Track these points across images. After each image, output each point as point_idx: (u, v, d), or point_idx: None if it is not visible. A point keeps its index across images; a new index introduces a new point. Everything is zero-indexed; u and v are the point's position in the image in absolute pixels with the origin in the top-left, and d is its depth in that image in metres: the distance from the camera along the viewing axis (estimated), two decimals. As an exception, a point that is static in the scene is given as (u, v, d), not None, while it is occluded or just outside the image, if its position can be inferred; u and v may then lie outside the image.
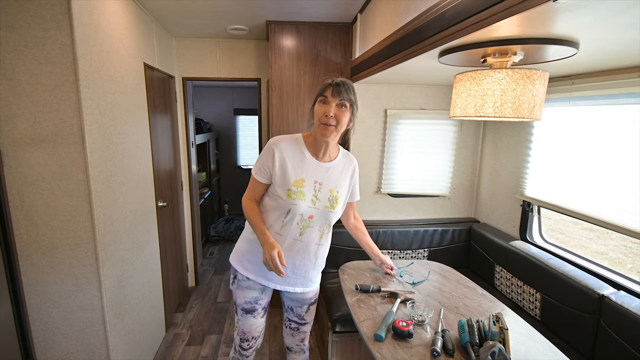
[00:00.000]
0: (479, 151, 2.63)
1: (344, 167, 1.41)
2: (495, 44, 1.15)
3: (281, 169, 1.32)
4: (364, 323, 1.34)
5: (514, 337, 1.24)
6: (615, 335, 1.44)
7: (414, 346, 1.21)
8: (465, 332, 1.23)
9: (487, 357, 1.07)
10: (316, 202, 1.33)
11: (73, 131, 1.47)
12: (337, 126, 1.26)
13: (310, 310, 1.57)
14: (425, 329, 1.31)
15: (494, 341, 1.14)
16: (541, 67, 1.42)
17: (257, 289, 1.45)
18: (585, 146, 1.74)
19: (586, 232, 4.48)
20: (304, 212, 1.32)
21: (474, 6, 0.97)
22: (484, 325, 1.24)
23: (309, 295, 1.52)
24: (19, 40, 1.40)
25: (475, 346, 1.18)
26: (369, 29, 2.12)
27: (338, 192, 1.37)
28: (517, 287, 2.00)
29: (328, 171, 1.36)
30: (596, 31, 0.97)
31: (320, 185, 1.34)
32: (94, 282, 1.60)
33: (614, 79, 1.52)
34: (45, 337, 1.64)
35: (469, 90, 1.24)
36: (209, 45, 2.93)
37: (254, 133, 5.71)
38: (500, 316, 1.24)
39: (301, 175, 1.32)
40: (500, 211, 2.41)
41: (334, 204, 1.36)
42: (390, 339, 1.25)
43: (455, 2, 1.08)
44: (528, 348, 1.22)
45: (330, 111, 1.23)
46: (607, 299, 1.50)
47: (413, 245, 2.48)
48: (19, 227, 1.52)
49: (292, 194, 1.30)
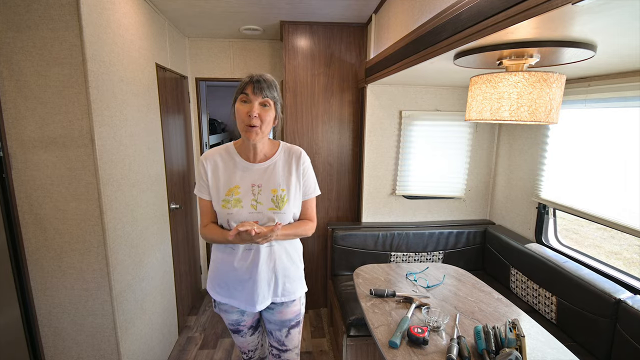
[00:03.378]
0: (494, 153, 2.58)
1: (285, 162, 1.29)
2: (512, 47, 1.12)
3: (214, 180, 1.25)
4: (378, 329, 1.33)
5: (530, 344, 1.22)
6: (632, 340, 1.41)
7: (429, 353, 1.19)
8: (481, 339, 1.22)
9: None
10: (257, 205, 1.23)
11: (82, 133, 1.44)
12: (262, 126, 1.17)
13: (290, 334, 1.42)
14: (441, 336, 1.29)
15: (511, 348, 1.14)
16: (557, 70, 1.43)
17: (235, 311, 1.37)
18: (601, 149, 1.71)
19: (600, 232, 4.52)
20: (245, 219, 1.21)
21: (491, 8, 0.94)
22: (501, 332, 1.24)
23: (287, 315, 1.37)
24: (26, 41, 1.37)
25: (491, 354, 1.17)
26: (384, 30, 2.09)
27: (283, 191, 1.25)
28: (532, 291, 1.97)
29: (266, 171, 1.26)
30: (615, 34, 0.95)
31: (260, 187, 1.24)
32: (105, 286, 1.56)
33: (631, 82, 1.48)
34: (55, 342, 1.62)
35: (485, 93, 1.22)
36: (222, 45, 2.89)
37: (268, 133, 5.68)
38: (516, 322, 1.24)
39: (235, 183, 1.24)
40: (515, 213, 2.37)
41: (280, 204, 1.24)
42: (405, 345, 1.23)
43: (471, 3, 1.05)
44: (544, 355, 1.21)
45: (254, 111, 1.14)
46: (623, 303, 1.48)
47: (428, 247, 2.43)
48: (28, 231, 1.50)
49: (226, 204, 1.22)
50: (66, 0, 1.35)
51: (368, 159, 2.55)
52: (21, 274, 1.50)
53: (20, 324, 1.51)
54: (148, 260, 1.98)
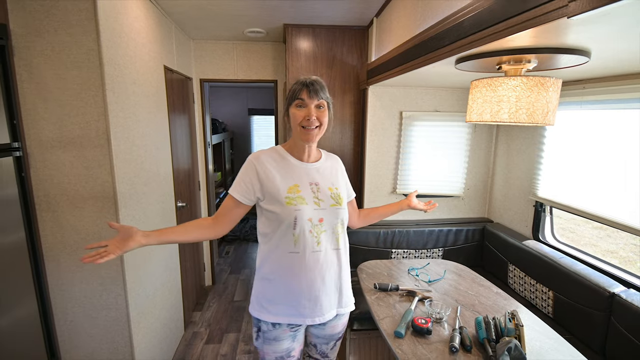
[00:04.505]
0: (492, 153, 2.65)
1: (332, 165, 1.34)
2: (511, 53, 1.18)
3: (269, 180, 1.19)
4: (383, 321, 1.39)
5: (528, 334, 1.27)
6: (626, 332, 1.47)
7: (433, 342, 1.26)
8: (482, 328, 1.27)
9: (503, 353, 1.10)
10: (320, 202, 1.21)
11: (99, 134, 1.50)
12: (320, 127, 1.20)
13: (336, 346, 1.41)
14: (443, 326, 1.35)
15: (510, 337, 1.18)
16: (554, 74, 1.50)
17: (287, 337, 1.25)
18: (596, 148, 1.76)
19: (596, 231, 4.60)
20: (312, 217, 1.18)
21: (492, 18, 1.00)
22: (500, 322, 1.29)
23: (338, 328, 1.35)
24: (46, 45, 1.43)
25: (492, 342, 1.22)
26: (385, 33, 2.14)
27: (337, 189, 1.28)
28: (530, 286, 2.03)
29: (319, 171, 1.28)
30: (607, 42, 1.01)
31: (317, 185, 1.24)
32: (119, 281, 1.63)
33: (624, 84, 1.55)
34: (70, 336, 1.67)
35: (485, 96, 1.27)
36: (226, 47, 2.95)
37: (269, 133, 5.74)
38: (515, 313, 1.29)
39: (294, 181, 1.21)
40: (513, 211, 2.43)
41: (339, 200, 1.25)
42: (409, 335, 1.29)
43: (473, 12, 1.09)
44: (542, 344, 1.26)
45: (312, 114, 1.16)
46: (617, 297, 1.53)
47: (428, 244, 2.50)
48: (45, 228, 1.55)
49: (291, 201, 1.17)
50: (84, 6, 1.41)
51: (369, 158, 2.62)
52: (39, 270, 1.55)
53: (38, 319, 1.56)
54: (157, 257, 2.04)
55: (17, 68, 1.43)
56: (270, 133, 5.76)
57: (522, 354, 1.11)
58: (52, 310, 1.63)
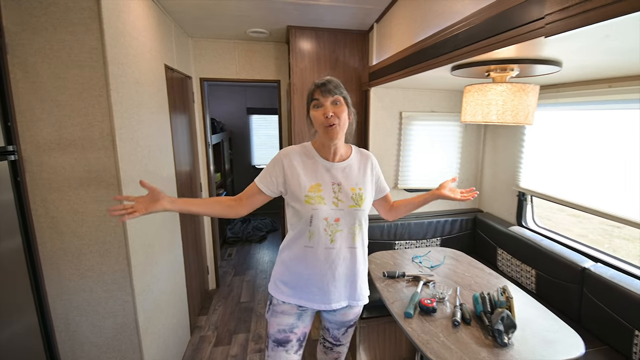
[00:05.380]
0: (481, 150, 2.83)
1: (360, 163, 1.35)
2: (498, 63, 1.40)
3: (293, 177, 1.26)
4: (394, 304, 1.54)
5: (517, 305, 1.46)
6: (596, 300, 1.72)
7: (438, 319, 1.43)
8: (479, 303, 1.46)
9: (497, 321, 1.28)
10: (338, 203, 1.26)
11: (103, 135, 1.44)
12: (340, 122, 1.21)
13: (347, 332, 1.49)
14: (446, 305, 1.53)
15: (502, 308, 1.36)
16: (533, 80, 1.76)
17: (293, 314, 1.34)
18: (570, 144, 2.00)
19: (570, 217, 5.28)
20: (328, 216, 1.24)
21: (482, 33, 1.18)
22: (494, 297, 1.49)
23: (349, 317, 1.42)
24: (43, 43, 1.36)
25: (487, 314, 1.41)
26: (386, 38, 2.27)
27: (361, 190, 1.30)
28: (516, 267, 2.25)
29: (344, 170, 1.30)
30: (574, 55, 1.22)
31: (339, 185, 1.28)
32: (126, 287, 1.57)
33: (590, 89, 1.80)
34: (73, 346, 1.60)
35: (477, 100, 1.47)
36: (227, 46, 2.89)
37: (269, 132, 5.68)
38: (506, 288, 1.49)
39: (316, 180, 1.26)
40: (500, 201, 2.65)
41: (359, 202, 1.28)
42: (417, 315, 1.46)
43: (466, 27, 1.26)
44: (528, 313, 1.47)
45: (329, 111, 1.19)
46: (588, 270, 1.78)
47: (427, 235, 2.68)
48: (43, 235, 1.48)
49: (310, 200, 1.23)
50: (87, 4, 1.35)
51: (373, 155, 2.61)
52: (37, 279, 1.48)
53: (39, 331, 1.49)
54: (163, 261, 1.99)
55: (11, 67, 1.36)
56: (270, 132, 5.70)
57: (512, 321, 1.30)
58: (51, 320, 1.56)
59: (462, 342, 1.29)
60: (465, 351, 1.23)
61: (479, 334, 1.33)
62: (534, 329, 1.36)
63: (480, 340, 1.30)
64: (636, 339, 1.52)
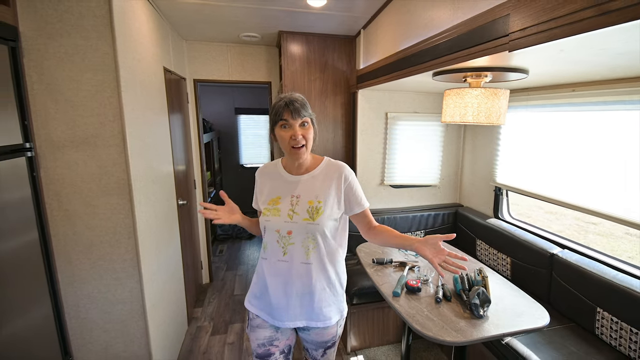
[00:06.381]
0: (461, 148, 3.04)
1: (326, 175, 1.30)
2: (473, 70, 1.59)
3: (261, 193, 1.34)
4: (383, 285, 1.72)
5: (491, 286, 1.64)
6: (563, 282, 1.93)
7: (422, 297, 1.61)
8: (458, 283, 1.65)
9: (474, 297, 1.46)
10: (293, 215, 1.24)
11: (114, 134, 1.56)
12: (307, 144, 1.23)
13: (327, 354, 1.41)
14: (429, 285, 1.72)
15: (478, 286, 1.52)
16: (504, 85, 1.97)
17: (268, 327, 1.32)
18: (539, 142, 2.22)
19: (547, 215, 5.59)
20: (280, 228, 1.24)
21: (459, 45, 1.36)
22: (471, 277, 1.67)
23: (324, 337, 1.35)
24: (58, 48, 1.47)
25: (465, 291, 1.59)
26: (372, 45, 2.46)
27: (320, 202, 1.25)
28: (493, 255, 2.46)
29: (306, 182, 1.29)
30: (537, 65, 1.44)
31: (298, 198, 1.27)
32: (135, 275, 1.69)
33: (556, 92, 2.01)
34: (82, 333, 1.71)
35: (455, 102, 1.67)
36: (220, 49, 3.02)
37: (257, 132, 5.79)
38: (482, 269, 1.70)
39: (277, 194, 1.29)
40: (478, 196, 2.86)
41: (314, 215, 1.23)
42: (404, 294, 1.63)
43: (446, 39, 1.45)
44: (502, 292, 1.65)
45: (298, 134, 1.19)
46: (556, 256, 1.98)
47: (412, 228, 2.87)
48: (56, 227, 1.58)
49: (266, 211, 1.27)
50: (99, 12, 1.47)
51: (360, 154, 2.82)
52: (50, 269, 1.57)
53: (53, 319, 1.58)
54: (163, 253, 2.10)
55: (27, 70, 1.46)
56: (258, 132, 5.81)
57: (487, 297, 1.48)
58: (63, 307, 1.66)
59: (444, 315, 1.47)
60: (446, 322, 1.41)
61: (458, 309, 1.51)
62: (505, 304, 1.54)
63: (460, 313, 1.48)
64: (598, 315, 1.72)
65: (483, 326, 1.39)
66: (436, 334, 1.33)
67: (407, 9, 1.91)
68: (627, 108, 1.65)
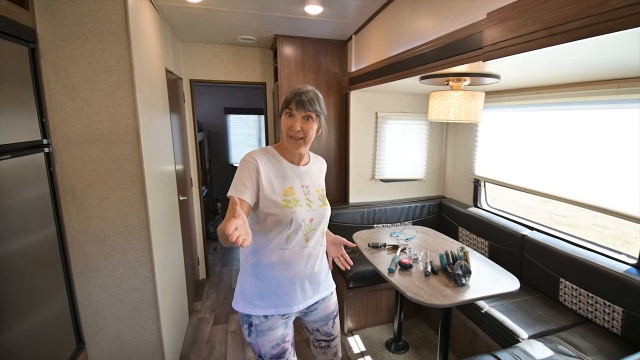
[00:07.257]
0: (444, 144, 3.31)
1: (318, 168, 1.42)
2: (454, 75, 1.84)
3: (268, 182, 1.23)
4: (379, 265, 1.95)
5: (472, 262, 1.90)
6: (532, 259, 2.22)
7: (414, 272, 1.86)
8: (444, 259, 1.90)
9: (457, 268, 1.72)
10: (311, 204, 1.30)
11: (128, 131, 1.66)
12: (305, 138, 1.24)
13: (335, 323, 1.52)
14: (419, 263, 1.96)
15: (461, 260, 1.77)
16: (481, 88, 2.27)
17: (280, 325, 1.31)
18: (512, 138, 2.51)
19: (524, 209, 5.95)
20: (305, 217, 1.26)
21: (442, 54, 1.60)
22: (454, 253, 1.93)
23: (331, 307, 1.47)
24: (75, 50, 1.56)
25: (450, 265, 1.84)
26: (364, 50, 2.68)
27: (323, 190, 1.40)
28: (473, 240, 2.73)
29: (308, 173, 1.35)
30: (508, 71, 1.71)
31: (307, 187, 1.33)
32: (147, 264, 1.79)
33: (524, 94, 2.31)
34: (96, 321, 1.79)
35: (440, 103, 1.92)
36: (216, 50, 3.12)
37: (248, 132, 5.89)
38: (464, 246, 2.02)
39: (288, 183, 1.28)
40: (460, 187, 3.14)
41: (325, 201, 1.36)
42: (398, 271, 1.87)
43: (430, 49, 1.69)
44: (481, 267, 1.91)
45: (297, 125, 1.21)
46: (526, 237, 2.28)
47: (401, 218, 3.13)
48: (70, 219, 1.67)
49: (288, 203, 1.23)
50: (115, 17, 1.57)
51: (353, 151, 3.00)
52: (66, 261, 1.65)
53: (68, 309, 1.66)
54: (169, 245, 2.20)
55: (44, 70, 1.55)
56: (247, 132, 5.90)
57: (468, 268, 1.74)
58: (76, 297, 1.73)
59: (433, 285, 1.71)
60: (435, 290, 1.66)
61: (444, 280, 1.77)
62: (483, 275, 1.82)
63: (445, 283, 1.74)
64: (561, 285, 2.02)
65: (465, 292, 1.65)
66: (427, 299, 1.58)
67: (396, 21, 2.13)
68: (581, 108, 2.00)
